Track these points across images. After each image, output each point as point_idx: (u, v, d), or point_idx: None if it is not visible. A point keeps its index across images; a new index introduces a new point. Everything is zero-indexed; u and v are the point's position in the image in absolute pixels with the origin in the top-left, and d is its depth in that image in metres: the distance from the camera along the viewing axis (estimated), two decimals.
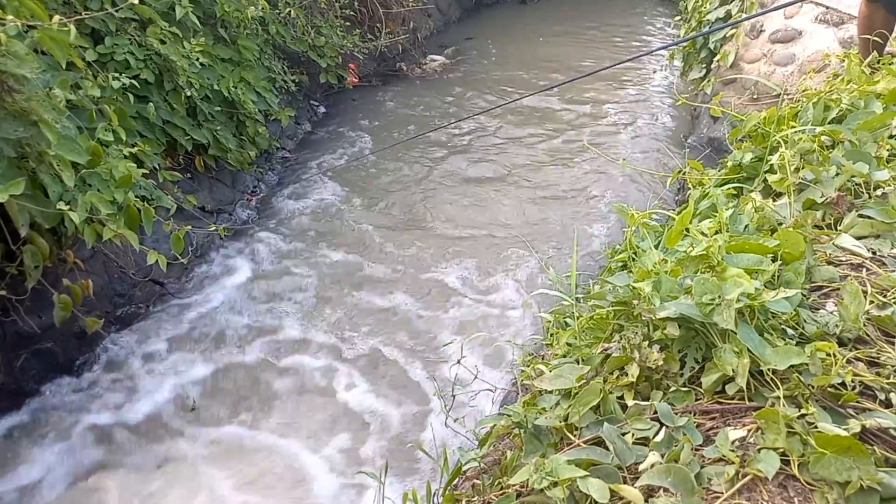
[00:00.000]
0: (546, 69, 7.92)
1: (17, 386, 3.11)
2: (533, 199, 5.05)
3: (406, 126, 6.41)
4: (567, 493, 1.15)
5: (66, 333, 3.24)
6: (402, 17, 8.00)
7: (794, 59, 4.80)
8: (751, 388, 1.26)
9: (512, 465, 1.47)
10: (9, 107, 2.45)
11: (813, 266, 1.55)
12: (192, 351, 3.53)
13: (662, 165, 5.43)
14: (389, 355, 3.54)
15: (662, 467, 1.12)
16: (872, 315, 1.36)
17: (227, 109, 4.76)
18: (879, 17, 2.99)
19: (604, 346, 1.58)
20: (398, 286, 4.08)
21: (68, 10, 3.46)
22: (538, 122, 6.44)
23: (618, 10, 10.39)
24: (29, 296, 2.89)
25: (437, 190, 5.22)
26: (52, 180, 2.73)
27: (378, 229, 4.67)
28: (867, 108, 2.16)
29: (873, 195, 1.80)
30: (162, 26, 4.06)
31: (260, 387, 3.33)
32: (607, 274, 2.26)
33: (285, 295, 4.01)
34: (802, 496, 1.04)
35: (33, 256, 2.83)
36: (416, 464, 2.85)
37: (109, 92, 3.58)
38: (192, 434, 3.04)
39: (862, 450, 1.01)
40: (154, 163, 3.86)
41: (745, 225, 1.81)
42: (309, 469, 2.88)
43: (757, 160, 2.25)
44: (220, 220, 4.56)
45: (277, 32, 5.76)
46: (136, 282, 3.76)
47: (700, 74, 5.94)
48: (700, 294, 1.34)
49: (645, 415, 1.31)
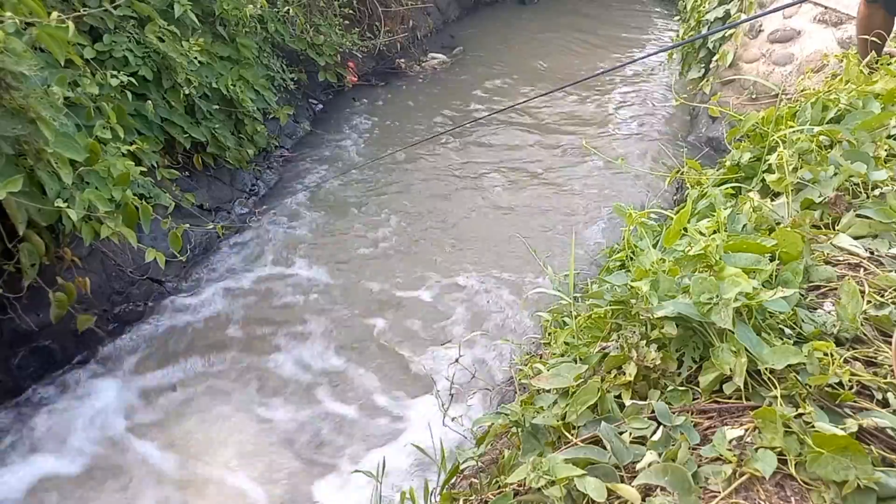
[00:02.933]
0: (546, 69, 7.92)
1: (14, 383, 3.11)
2: (531, 198, 5.05)
3: (405, 125, 6.40)
4: (564, 492, 1.16)
5: (63, 331, 3.23)
6: (401, 16, 8.00)
7: (792, 59, 4.81)
8: (748, 388, 1.26)
9: (509, 464, 1.47)
10: (7, 104, 2.45)
11: (811, 266, 1.55)
12: (192, 350, 3.53)
13: (661, 165, 5.44)
14: (387, 354, 3.53)
15: (660, 466, 1.12)
16: (870, 315, 1.36)
17: (226, 107, 4.75)
18: (878, 17, 3.00)
19: (602, 345, 1.58)
20: (397, 285, 4.08)
21: (67, 7, 3.45)
22: (536, 122, 6.44)
23: (617, 10, 10.39)
24: (26, 293, 2.89)
25: (436, 190, 5.21)
26: (49, 178, 2.73)
27: (377, 228, 4.67)
28: (865, 109, 2.17)
29: (871, 195, 1.81)
30: (160, 24, 4.05)
31: (257, 385, 3.33)
32: (605, 273, 2.26)
33: (284, 292, 4.00)
34: (799, 495, 1.04)
35: (30, 255, 2.83)
36: (413, 462, 2.85)
37: (108, 89, 3.57)
38: (191, 424, 3.04)
39: (859, 449, 1.01)
40: (152, 161, 3.85)
41: (743, 224, 1.82)
42: (307, 466, 2.88)
43: (755, 160, 2.25)
44: (218, 218, 4.55)
45: (276, 31, 5.75)
46: (134, 280, 3.76)
47: (699, 74, 5.94)
48: (698, 293, 1.34)
49: (642, 414, 1.31)
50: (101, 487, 2.77)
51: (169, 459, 2.90)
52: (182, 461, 2.90)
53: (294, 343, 3.61)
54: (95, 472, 2.83)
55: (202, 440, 3.00)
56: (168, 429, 3.06)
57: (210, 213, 4.57)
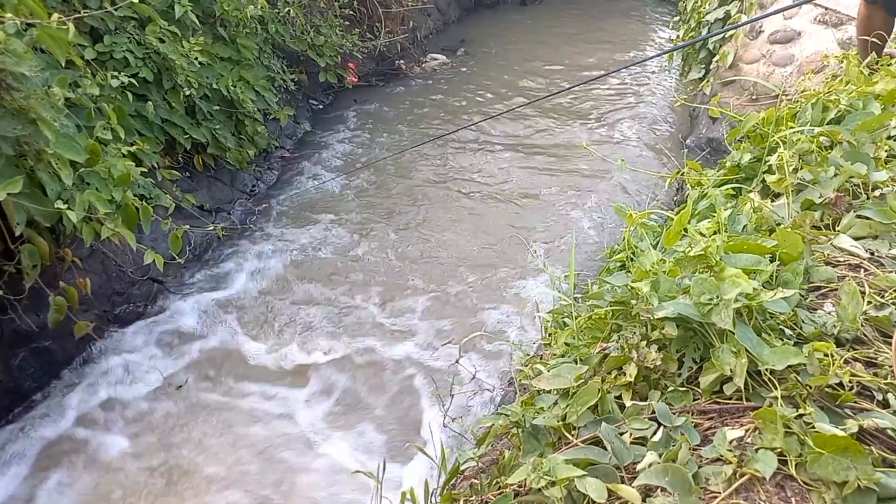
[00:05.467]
0: (546, 69, 7.92)
1: (14, 384, 3.11)
2: (531, 198, 5.05)
3: (406, 125, 6.40)
4: (565, 493, 1.15)
5: (64, 332, 3.23)
6: (401, 17, 8.00)
7: (792, 59, 4.81)
8: (748, 388, 1.26)
9: (510, 465, 1.47)
10: (7, 105, 2.45)
11: (811, 266, 1.55)
12: (190, 349, 3.53)
13: (661, 166, 5.44)
14: (387, 354, 3.53)
15: (660, 467, 1.12)
16: (870, 315, 1.36)
17: (226, 108, 4.76)
18: (878, 18, 3.00)
19: (602, 345, 1.58)
20: (397, 285, 4.08)
21: (67, 8, 3.46)
22: (536, 123, 6.44)
23: (618, 11, 10.39)
24: (27, 294, 2.88)
25: (436, 190, 5.22)
26: (50, 178, 2.73)
27: (376, 228, 4.67)
28: (865, 109, 2.17)
29: (871, 196, 1.81)
30: (161, 25, 4.05)
31: (252, 384, 3.33)
32: (606, 274, 2.26)
33: (283, 292, 4.01)
34: (800, 496, 1.04)
35: (31, 256, 2.82)
36: (414, 463, 2.85)
37: (108, 90, 3.57)
38: (190, 416, 3.04)
39: (859, 450, 1.01)
40: (153, 161, 3.85)
41: (744, 225, 1.82)
42: (304, 466, 2.88)
43: (755, 161, 2.26)
44: (218, 219, 4.55)
45: (276, 31, 5.76)
46: (134, 280, 3.76)
47: (699, 75, 5.94)
48: (698, 294, 1.34)
49: (643, 414, 1.31)
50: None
51: (168, 458, 2.91)
52: (180, 460, 2.90)
53: (292, 341, 3.61)
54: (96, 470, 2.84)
55: (202, 439, 3.00)
56: (167, 429, 3.06)
57: (210, 214, 4.57)
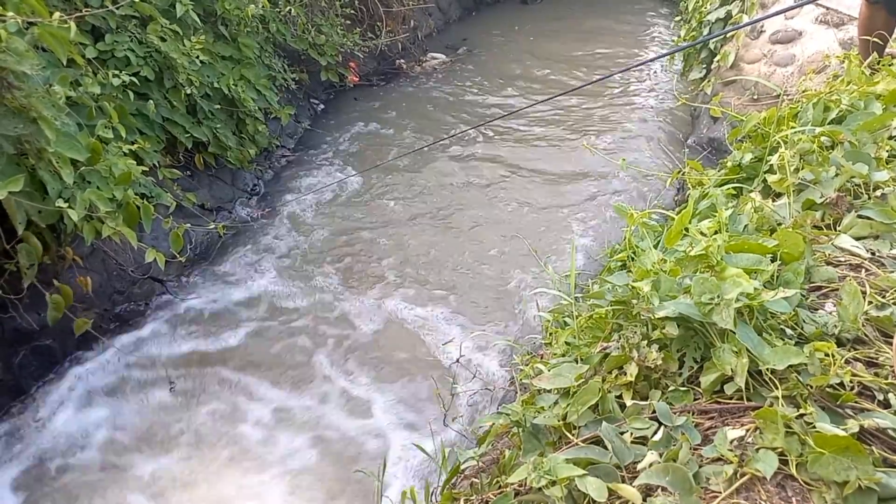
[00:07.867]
0: (547, 70, 7.91)
1: (15, 382, 3.11)
2: (532, 199, 5.05)
3: (406, 125, 6.40)
4: (565, 492, 1.16)
5: (64, 330, 3.23)
6: (402, 16, 8.00)
7: (794, 59, 4.80)
8: (749, 388, 1.26)
9: (510, 464, 1.47)
10: (8, 103, 2.45)
11: (812, 266, 1.55)
12: (189, 349, 3.53)
13: (662, 166, 5.43)
14: (387, 354, 3.53)
15: (661, 466, 1.12)
16: (871, 315, 1.36)
17: (227, 107, 4.76)
18: (880, 18, 3.00)
19: (603, 345, 1.58)
20: (397, 285, 4.08)
21: (69, 6, 3.46)
22: (536, 123, 6.43)
23: (618, 11, 10.37)
24: (27, 293, 2.89)
25: (437, 189, 5.22)
26: (51, 177, 2.73)
27: (377, 228, 4.67)
28: (867, 109, 2.17)
29: (872, 196, 1.81)
30: (162, 23, 4.06)
31: (250, 383, 3.33)
32: (606, 273, 2.26)
33: (284, 292, 4.01)
34: (800, 496, 1.04)
35: (28, 255, 2.83)
36: (414, 462, 2.85)
37: (109, 89, 3.57)
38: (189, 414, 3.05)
39: (860, 450, 1.01)
40: (154, 160, 3.86)
41: (745, 225, 1.82)
42: (304, 465, 2.88)
43: (756, 160, 2.25)
44: (219, 217, 4.55)
45: (278, 30, 5.76)
46: (135, 279, 3.76)
47: (700, 75, 5.94)
48: (699, 294, 1.34)
49: (643, 414, 1.31)
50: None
51: (169, 457, 2.91)
52: (184, 454, 2.91)
53: (292, 340, 3.61)
54: (96, 472, 2.84)
55: (202, 438, 3.01)
56: (166, 428, 3.06)
57: (211, 213, 4.57)
